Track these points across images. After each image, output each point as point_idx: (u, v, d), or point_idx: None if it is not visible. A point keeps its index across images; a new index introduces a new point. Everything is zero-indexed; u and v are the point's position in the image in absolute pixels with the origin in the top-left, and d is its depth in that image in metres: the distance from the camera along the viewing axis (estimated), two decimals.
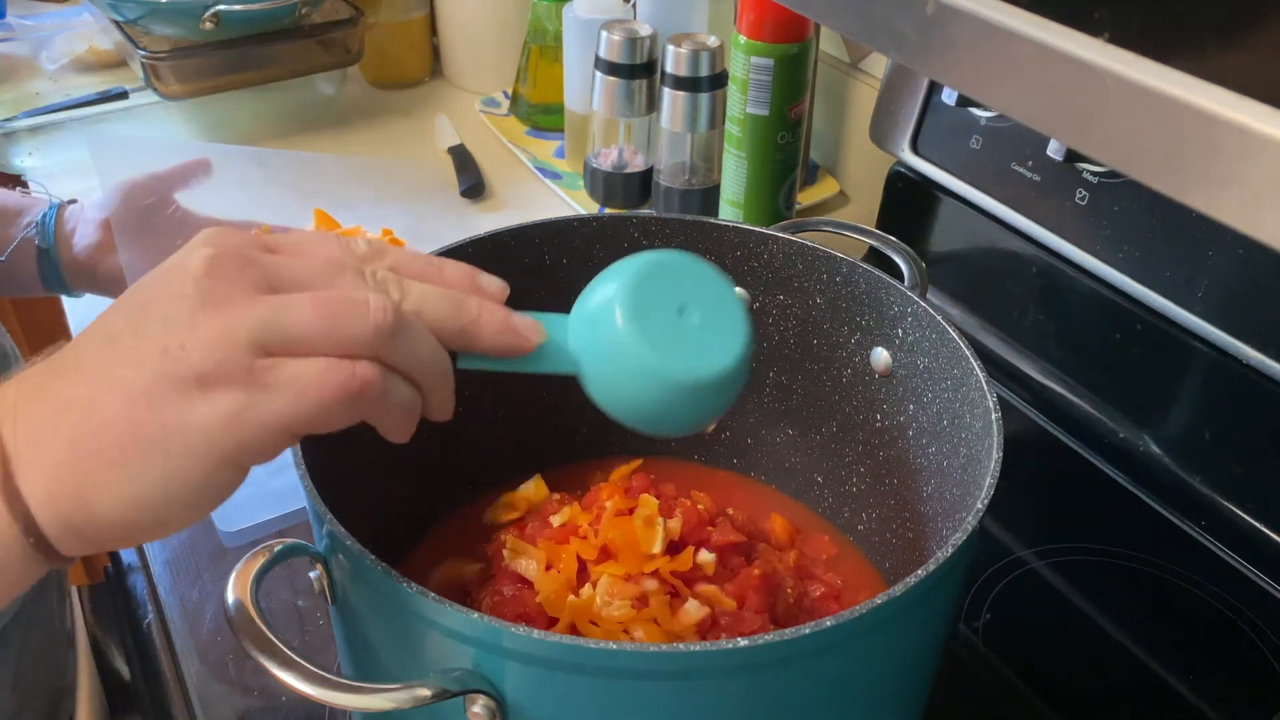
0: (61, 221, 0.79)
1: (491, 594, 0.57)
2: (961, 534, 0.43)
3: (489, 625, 0.39)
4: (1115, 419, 0.77)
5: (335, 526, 0.43)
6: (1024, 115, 0.29)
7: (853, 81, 1.03)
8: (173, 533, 0.38)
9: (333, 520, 0.43)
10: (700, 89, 0.89)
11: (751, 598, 0.56)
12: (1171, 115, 0.25)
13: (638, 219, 0.63)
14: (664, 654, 0.40)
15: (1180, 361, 0.72)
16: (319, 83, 1.24)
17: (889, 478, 0.62)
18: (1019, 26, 0.28)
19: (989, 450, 0.48)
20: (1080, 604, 0.68)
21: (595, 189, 1.01)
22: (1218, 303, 0.68)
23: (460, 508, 0.67)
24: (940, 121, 0.85)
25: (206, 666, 0.63)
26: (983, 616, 0.66)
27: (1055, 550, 0.71)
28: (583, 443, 0.71)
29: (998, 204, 0.81)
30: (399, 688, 0.39)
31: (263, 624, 0.40)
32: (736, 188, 0.91)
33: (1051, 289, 0.80)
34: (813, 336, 0.63)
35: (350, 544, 0.42)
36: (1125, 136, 0.26)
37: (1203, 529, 0.71)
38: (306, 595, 0.66)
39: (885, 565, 0.64)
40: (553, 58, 1.12)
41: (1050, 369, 0.81)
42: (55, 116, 1.15)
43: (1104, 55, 0.26)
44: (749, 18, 0.83)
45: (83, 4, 1.26)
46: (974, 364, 0.52)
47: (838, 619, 0.39)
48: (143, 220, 0.76)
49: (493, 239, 0.61)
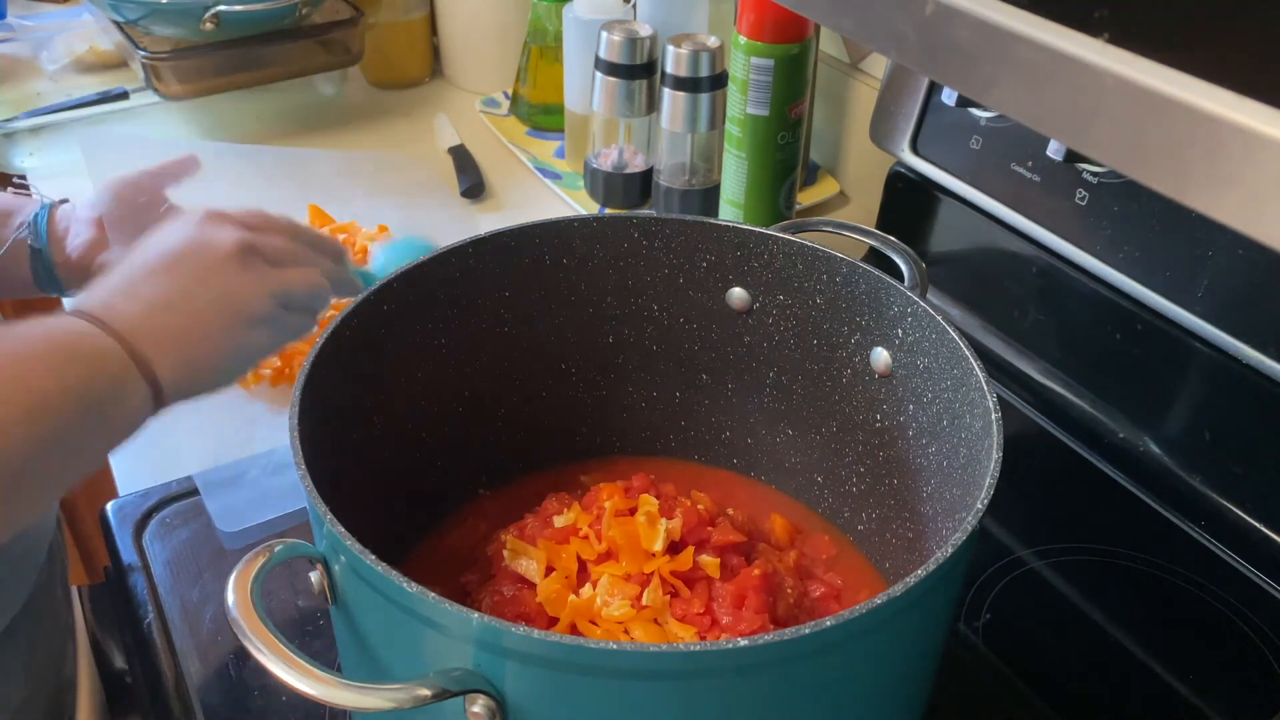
0: (54, 222, 0.78)
1: (491, 594, 0.58)
2: (961, 534, 0.43)
3: (489, 625, 0.39)
4: (1115, 419, 0.77)
5: (335, 526, 0.43)
6: (1024, 115, 0.29)
7: (853, 81, 1.03)
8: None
9: (333, 520, 0.43)
10: (700, 89, 0.89)
11: (751, 598, 0.56)
12: (1171, 115, 0.25)
13: (638, 219, 0.63)
14: (664, 654, 0.40)
15: (1180, 361, 0.72)
16: (319, 83, 1.24)
17: (889, 478, 0.62)
18: (1019, 26, 0.28)
19: (989, 450, 0.48)
20: (1080, 604, 0.68)
21: (595, 189, 1.01)
22: (1218, 303, 0.68)
23: (461, 507, 0.67)
24: (940, 121, 0.85)
25: (206, 666, 0.63)
26: (983, 616, 0.66)
27: (1055, 550, 0.71)
28: (583, 443, 0.71)
29: (998, 204, 0.81)
30: (399, 688, 0.39)
31: (263, 624, 0.40)
32: (736, 188, 0.91)
33: (1051, 289, 0.80)
34: (813, 336, 0.63)
35: (350, 544, 0.42)
36: (1125, 137, 0.26)
37: (1203, 529, 0.71)
38: (306, 595, 0.66)
39: (885, 565, 0.64)
40: (553, 58, 1.12)
41: (1050, 369, 0.81)
42: (56, 117, 1.15)
43: (1104, 55, 0.26)
44: (749, 18, 0.83)
45: (83, 4, 1.26)
46: (974, 364, 0.52)
47: (838, 619, 0.39)
48: (136, 219, 0.76)
49: (493, 239, 0.61)
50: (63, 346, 0.52)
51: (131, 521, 0.72)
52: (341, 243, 0.71)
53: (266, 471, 0.73)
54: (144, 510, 0.72)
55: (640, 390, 0.70)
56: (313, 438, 0.48)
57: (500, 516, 0.65)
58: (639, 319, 0.67)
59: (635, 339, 0.67)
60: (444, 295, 0.61)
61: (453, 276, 0.61)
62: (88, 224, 0.77)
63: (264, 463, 0.74)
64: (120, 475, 0.76)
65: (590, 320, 0.66)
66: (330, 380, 0.53)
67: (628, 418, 0.71)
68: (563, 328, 0.66)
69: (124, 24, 1.09)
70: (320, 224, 0.85)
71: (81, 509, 1.34)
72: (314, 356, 0.52)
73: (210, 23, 1.05)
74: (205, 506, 0.70)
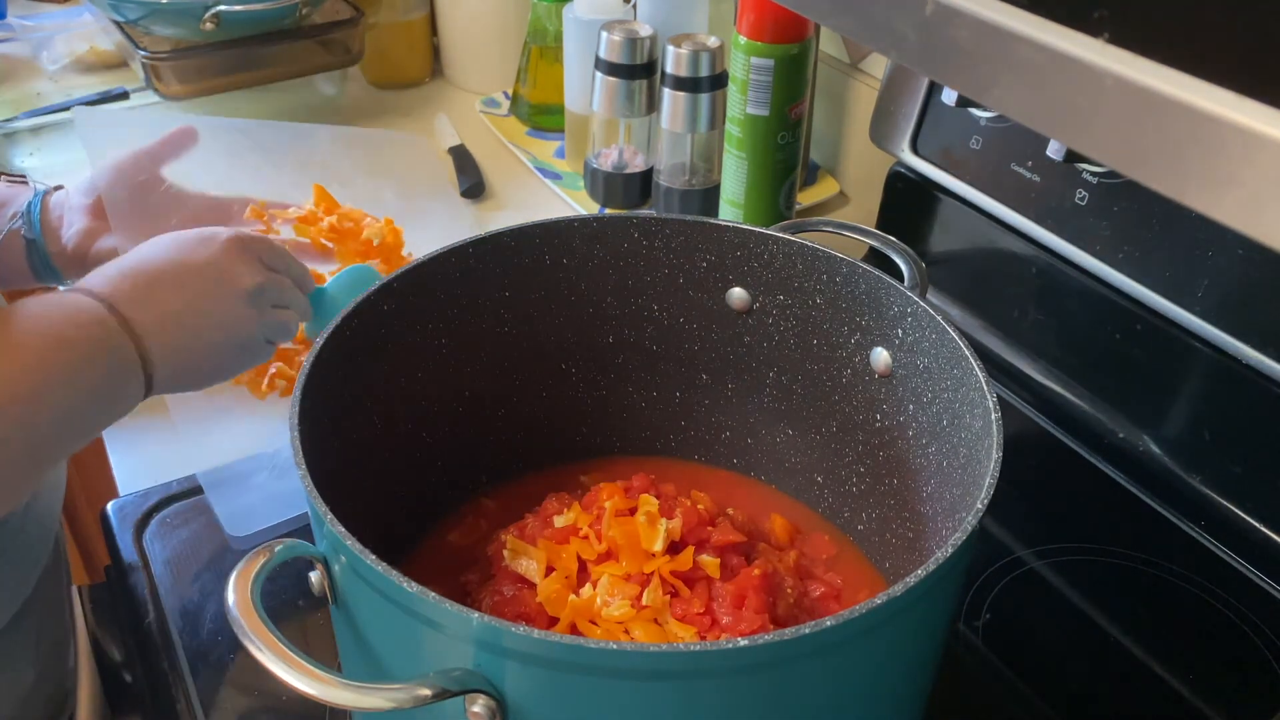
0: (47, 210, 0.76)
1: (492, 594, 0.58)
2: (961, 534, 0.43)
3: (489, 625, 0.39)
4: (1115, 419, 0.77)
5: (335, 526, 0.43)
6: (1024, 115, 0.29)
7: (853, 81, 1.03)
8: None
9: (333, 520, 0.43)
10: (700, 89, 0.89)
11: (751, 598, 0.56)
12: (1171, 115, 0.25)
13: (638, 219, 0.63)
14: (664, 654, 0.40)
15: (1180, 361, 0.72)
16: (319, 83, 1.24)
17: (889, 478, 0.62)
18: (1018, 26, 0.28)
19: (989, 450, 0.48)
20: (1080, 604, 0.68)
21: (595, 189, 1.01)
22: (1218, 303, 0.68)
23: (461, 507, 0.67)
24: (940, 121, 0.85)
25: (206, 666, 0.63)
26: (983, 616, 0.66)
27: (1055, 550, 0.71)
28: (583, 443, 0.71)
29: (998, 204, 0.81)
30: (399, 687, 0.39)
31: (263, 624, 0.40)
32: (736, 188, 0.91)
33: (1051, 289, 0.80)
34: (813, 336, 0.63)
35: (350, 544, 0.42)
36: (1125, 136, 0.26)
37: (1203, 529, 0.71)
38: (306, 595, 0.66)
39: (885, 565, 0.64)
40: (553, 58, 1.12)
41: (1050, 369, 0.81)
42: (56, 117, 1.15)
43: (1104, 55, 0.26)
44: (749, 18, 0.83)
45: (83, 4, 1.26)
46: (974, 364, 0.52)
47: (838, 619, 0.39)
48: (135, 200, 0.75)
49: (493, 239, 0.61)
50: (85, 332, 0.57)
51: (131, 521, 0.72)
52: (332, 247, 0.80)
53: (274, 475, 0.73)
54: (144, 510, 0.72)
55: (640, 390, 0.70)
56: (313, 438, 0.48)
57: (500, 516, 0.65)
58: (639, 319, 0.67)
59: (635, 339, 0.68)
60: (444, 295, 0.61)
61: (453, 276, 0.61)
62: (82, 211, 0.75)
63: (269, 465, 0.74)
64: (120, 475, 0.76)
65: (590, 320, 0.66)
66: (330, 380, 0.53)
67: (628, 418, 0.71)
68: (563, 328, 0.66)
69: (124, 24, 1.09)
70: (327, 208, 0.84)
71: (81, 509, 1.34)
72: (314, 356, 0.52)
73: (210, 23, 1.05)
74: (210, 507, 0.70)
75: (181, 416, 0.74)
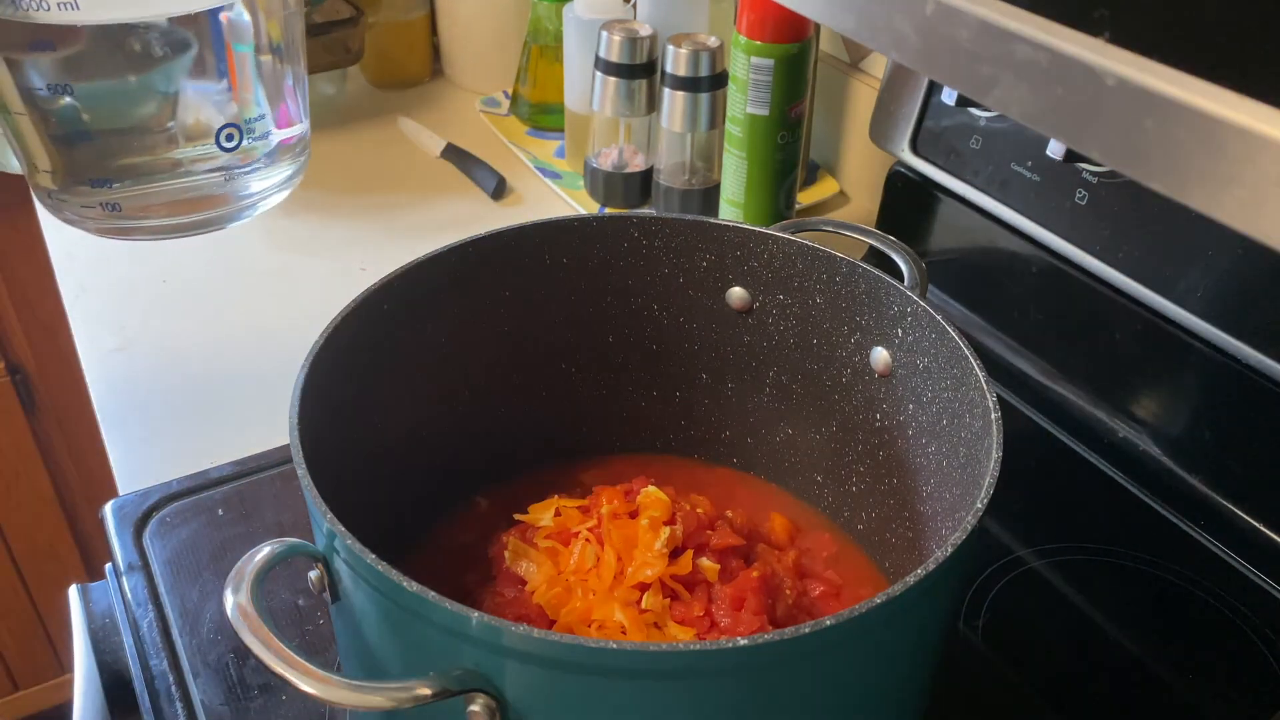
0: None
1: (492, 595, 0.58)
2: (961, 534, 0.43)
3: (489, 625, 0.39)
4: (1115, 419, 0.77)
5: (335, 526, 0.43)
6: (1024, 115, 0.29)
7: (853, 81, 1.03)
8: None
9: (333, 520, 0.43)
10: (700, 89, 0.89)
11: (750, 600, 0.56)
12: (1171, 115, 0.25)
13: (638, 219, 0.63)
14: (664, 654, 0.40)
15: (1180, 362, 0.72)
16: (319, 83, 1.24)
17: (889, 477, 0.62)
18: (1019, 26, 0.28)
19: (989, 450, 0.48)
20: (1080, 604, 0.68)
21: (595, 189, 1.01)
22: (1218, 303, 0.68)
23: (461, 507, 0.67)
24: (940, 121, 0.85)
25: (206, 666, 0.63)
26: (983, 616, 0.66)
27: (1055, 550, 0.71)
28: (583, 443, 0.71)
29: (998, 204, 0.81)
30: (399, 687, 0.39)
31: (263, 623, 0.40)
32: (736, 188, 0.91)
33: (1051, 289, 0.80)
34: (813, 336, 0.63)
35: (350, 544, 0.42)
36: (1125, 136, 0.26)
37: (1202, 529, 0.71)
38: (306, 595, 0.66)
39: (885, 564, 0.64)
40: (553, 58, 1.12)
41: (1050, 369, 0.81)
42: None
43: (1104, 55, 0.26)
44: (749, 18, 0.83)
45: None
46: (974, 364, 0.52)
47: (837, 618, 0.39)
48: None
49: (493, 239, 0.61)
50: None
51: (131, 521, 0.72)
52: None
53: None
54: (144, 510, 0.72)
55: (640, 390, 0.70)
56: (313, 438, 0.48)
57: (500, 516, 0.65)
58: (639, 319, 0.67)
59: (635, 339, 0.68)
60: (444, 295, 0.61)
61: (453, 276, 0.61)
62: None
63: None
64: (120, 475, 0.76)
65: (590, 320, 0.66)
66: (330, 380, 0.53)
67: (628, 417, 0.71)
68: (563, 328, 0.66)
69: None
70: None
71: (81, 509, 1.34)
72: (314, 356, 0.52)
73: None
74: (210, 506, 0.70)
75: (181, 416, 0.74)
